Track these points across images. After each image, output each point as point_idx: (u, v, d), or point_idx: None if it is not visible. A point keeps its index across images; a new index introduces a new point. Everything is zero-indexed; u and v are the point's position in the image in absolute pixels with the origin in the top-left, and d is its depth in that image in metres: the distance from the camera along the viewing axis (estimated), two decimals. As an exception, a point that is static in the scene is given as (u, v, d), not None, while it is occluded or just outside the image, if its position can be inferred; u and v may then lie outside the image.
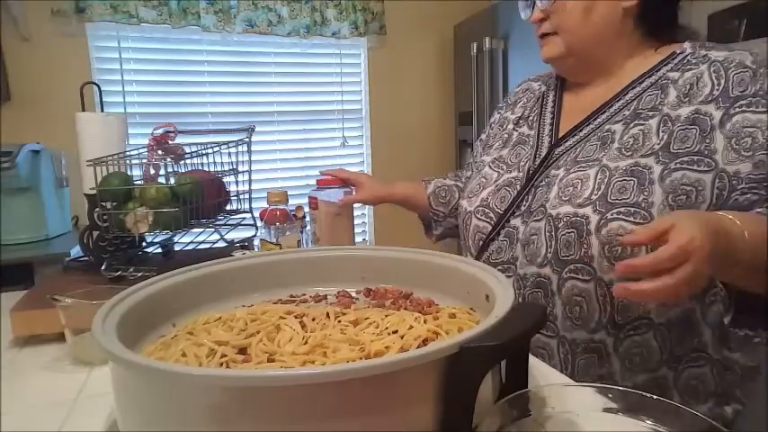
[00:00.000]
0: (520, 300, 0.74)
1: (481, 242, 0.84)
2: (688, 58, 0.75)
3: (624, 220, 0.67)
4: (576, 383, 0.58)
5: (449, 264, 0.63)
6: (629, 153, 0.71)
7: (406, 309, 0.58)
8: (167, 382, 0.37)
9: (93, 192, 0.85)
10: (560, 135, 0.83)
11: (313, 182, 1.10)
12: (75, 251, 1.50)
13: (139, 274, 0.82)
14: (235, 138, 0.93)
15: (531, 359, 0.56)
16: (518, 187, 0.82)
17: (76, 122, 0.97)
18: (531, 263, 0.75)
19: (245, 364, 0.45)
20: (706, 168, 0.67)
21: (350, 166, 2.73)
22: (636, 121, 0.74)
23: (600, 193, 0.70)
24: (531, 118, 0.90)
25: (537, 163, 0.82)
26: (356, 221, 2.77)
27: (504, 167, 0.87)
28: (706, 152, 0.67)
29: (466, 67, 2.44)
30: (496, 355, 0.41)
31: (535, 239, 0.75)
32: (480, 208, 0.85)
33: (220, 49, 2.40)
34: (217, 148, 0.92)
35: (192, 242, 0.94)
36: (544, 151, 0.83)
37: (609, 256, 0.68)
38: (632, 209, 0.67)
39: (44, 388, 0.59)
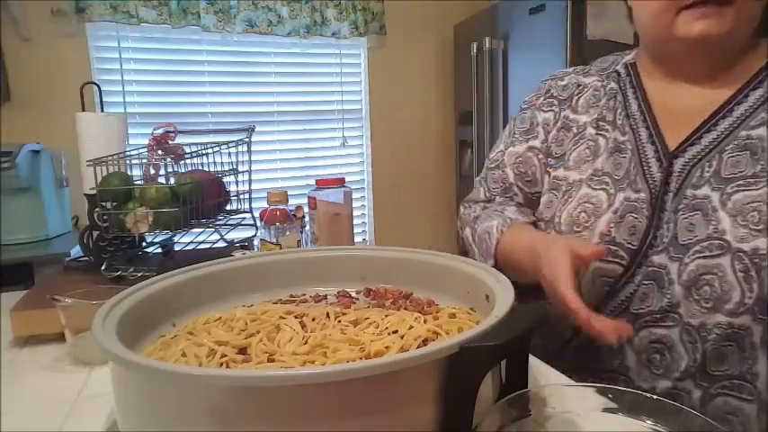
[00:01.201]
0: (698, 357, 0.60)
1: (607, 287, 0.65)
2: None
3: None
4: (576, 383, 0.58)
5: (449, 264, 0.63)
6: None
7: (406, 309, 0.58)
8: (167, 382, 0.37)
9: (93, 192, 0.85)
10: (670, 144, 0.66)
11: (313, 182, 1.10)
12: (75, 251, 1.50)
13: (139, 274, 0.82)
14: (235, 138, 0.93)
15: (531, 359, 0.56)
16: (645, 212, 0.64)
17: (76, 122, 0.97)
18: (716, 310, 0.59)
19: (245, 364, 0.45)
20: None
21: (350, 166, 2.73)
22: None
23: None
24: (618, 122, 0.71)
25: (658, 180, 0.65)
26: (356, 221, 2.78)
27: (611, 185, 0.67)
28: None
29: (466, 67, 2.44)
30: (496, 355, 0.41)
31: (714, 281, 0.59)
32: (603, 245, 0.65)
33: (220, 49, 2.40)
34: (217, 148, 0.92)
35: (192, 242, 0.94)
36: (654, 164, 0.66)
37: None
38: None
39: (44, 388, 0.59)
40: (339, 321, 0.53)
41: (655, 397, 0.41)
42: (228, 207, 1.00)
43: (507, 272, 0.59)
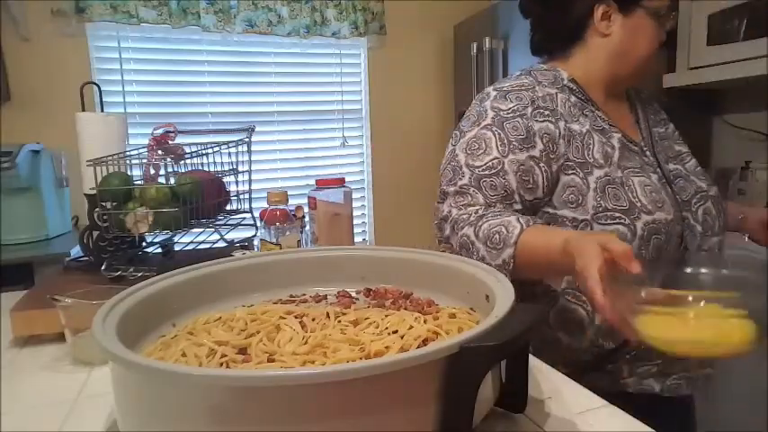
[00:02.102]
0: None
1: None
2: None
3: None
4: (576, 383, 0.58)
5: (449, 264, 0.63)
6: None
7: (406, 309, 0.58)
8: (167, 382, 0.37)
9: (93, 192, 0.85)
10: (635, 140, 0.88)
11: (313, 182, 1.10)
12: (75, 251, 1.50)
13: (139, 274, 0.82)
14: (235, 138, 0.93)
15: (531, 359, 0.56)
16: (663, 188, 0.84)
17: (76, 122, 0.97)
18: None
19: (245, 364, 0.45)
20: None
21: (350, 166, 2.73)
22: (662, 124, 0.96)
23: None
24: (605, 127, 0.84)
25: (660, 169, 0.86)
26: (356, 221, 2.78)
27: (644, 173, 0.82)
28: None
29: (466, 67, 2.44)
30: (496, 355, 0.41)
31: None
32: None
33: (220, 49, 2.40)
34: (217, 148, 0.92)
35: (192, 242, 0.94)
36: (651, 157, 0.87)
37: None
38: None
39: (44, 388, 0.59)
40: (339, 321, 0.53)
41: None
42: (228, 207, 1.00)
43: (525, 264, 0.69)
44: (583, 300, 0.79)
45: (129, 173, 0.91)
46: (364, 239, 2.82)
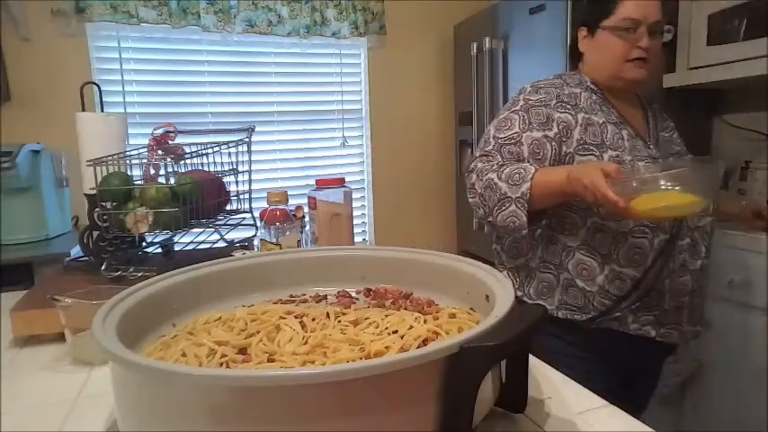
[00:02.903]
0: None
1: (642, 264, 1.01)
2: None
3: None
4: (576, 383, 0.58)
5: (449, 264, 0.63)
6: (686, 151, 1.14)
7: (406, 309, 0.58)
8: (167, 382, 0.37)
9: (93, 192, 0.85)
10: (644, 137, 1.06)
11: (313, 182, 1.10)
12: (75, 251, 1.50)
13: (139, 274, 0.82)
14: (235, 138, 0.93)
15: (531, 359, 0.56)
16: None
17: (76, 122, 0.97)
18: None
19: (245, 364, 0.45)
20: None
21: (350, 166, 2.73)
22: (669, 131, 1.13)
23: None
24: (618, 121, 1.05)
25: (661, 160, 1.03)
26: (356, 221, 2.78)
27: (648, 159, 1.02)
28: None
29: (466, 67, 2.43)
30: (496, 355, 0.41)
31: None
32: (637, 227, 0.99)
33: (220, 49, 2.40)
34: (217, 148, 0.92)
35: (192, 242, 0.94)
36: (644, 150, 1.03)
37: None
38: None
39: (44, 388, 0.59)
40: (339, 321, 0.53)
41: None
42: (228, 207, 1.00)
43: (538, 196, 0.93)
44: (594, 253, 1.01)
45: (129, 173, 0.91)
46: (364, 239, 2.81)
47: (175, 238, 0.96)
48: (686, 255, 1.01)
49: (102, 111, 1.06)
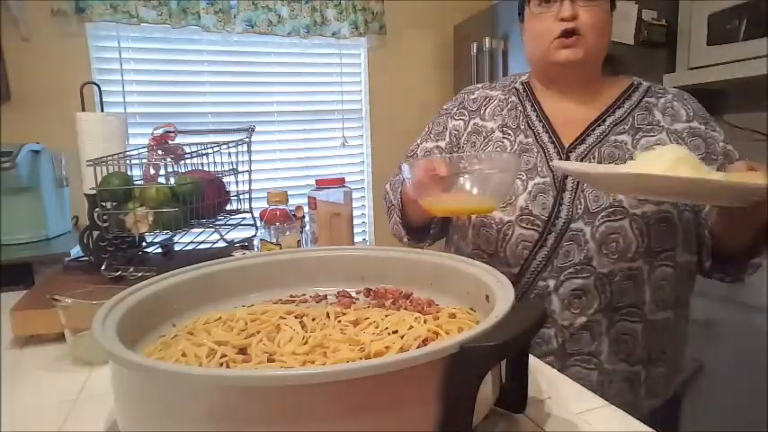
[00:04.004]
0: (608, 294, 0.81)
1: (527, 250, 0.85)
2: (652, 89, 0.92)
3: (690, 209, 0.84)
4: (576, 383, 0.58)
5: (449, 264, 0.63)
6: None
7: (406, 309, 0.58)
8: (167, 382, 0.37)
9: (93, 192, 0.85)
10: (565, 143, 0.88)
11: (313, 182, 1.10)
12: (75, 251, 1.50)
13: (139, 274, 0.82)
14: (235, 138, 0.93)
15: (531, 359, 0.56)
16: (552, 193, 0.84)
17: (76, 122, 0.97)
18: (620, 260, 0.80)
19: (245, 364, 0.45)
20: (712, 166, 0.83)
21: (350, 166, 2.73)
22: (641, 134, 0.86)
23: None
24: (521, 126, 0.92)
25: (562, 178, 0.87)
26: (356, 221, 2.78)
27: (524, 175, 0.87)
28: (707, 154, 0.86)
29: (466, 67, 2.43)
30: (496, 355, 0.41)
31: (619, 238, 0.80)
32: (523, 216, 0.85)
33: (220, 49, 2.40)
34: (217, 148, 0.92)
35: (191, 242, 0.94)
36: (555, 157, 0.87)
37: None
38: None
39: (44, 388, 0.59)
40: (339, 321, 0.53)
41: None
42: (228, 207, 1.00)
43: (405, 203, 0.92)
44: (483, 254, 0.91)
45: (129, 173, 0.91)
46: (364, 239, 2.81)
47: (175, 238, 0.96)
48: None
49: (102, 111, 1.06)
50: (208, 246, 0.95)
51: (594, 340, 0.82)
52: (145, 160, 0.95)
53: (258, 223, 1.00)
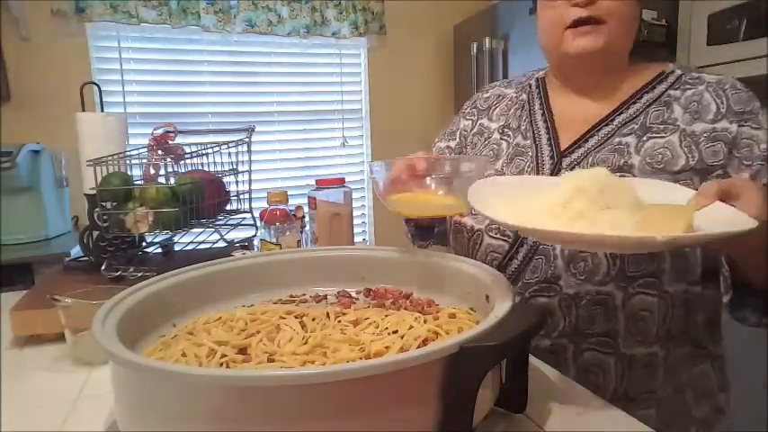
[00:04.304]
0: (574, 319, 0.71)
1: (496, 261, 0.77)
2: (683, 78, 0.77)
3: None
4: (576, 383, 0.58)
5: (449, 264, 0.63)
6: (661, 166, 0.70)
7: (406, 309, 0.58)
8: (167, 382, 0.37)
9: (93, 192, 0.85)
10: (563, 146, 0.78)
11: (313, 182, 1.10)
12: (75, 251, 1.50)
13: (139, 274, 0.82)
14: (235, 138, 0.93)
15: (531, 359, 0.56)
16: None
17: (76, 122, 0.97)
18: (587, 281, 0.70)
19: (245, 364, 0.45)
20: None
21: (350, 167, 2.73)
22: (649, 135, 0.73)
23: None
24: (522, 127, 0.84)
25: (546, 175, 0.77)
26: (356, 221, 2.78)
27: None
28: (737, 159, 0.70)
29: (466, 67, 2.43)
30: (496, 355, 0.41)
31: (587, 257, 0.70)
32: (492, 226, 0.79)
33: (220, 49, 2.40)
34: (217, 148, 0.92)
35: (191, 242, 0.94)
36: (547, 162, 0.78)
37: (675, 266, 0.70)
38: None
39: (44, 388, 0.59)
40: (339, 321, 0.53)
41: None
42: (228, 207, 1.00)
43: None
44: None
45: (129, 173, 0.91)
46: (364, 239, 2.81)
47: (175, 238, 0.96)
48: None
49: (102, 111, 1.06)
50: (208, 246, 0.95)
51: (560, 366, 0.70)
52: (145, 160, 0.95)
53: (258, 223, 1.00)
